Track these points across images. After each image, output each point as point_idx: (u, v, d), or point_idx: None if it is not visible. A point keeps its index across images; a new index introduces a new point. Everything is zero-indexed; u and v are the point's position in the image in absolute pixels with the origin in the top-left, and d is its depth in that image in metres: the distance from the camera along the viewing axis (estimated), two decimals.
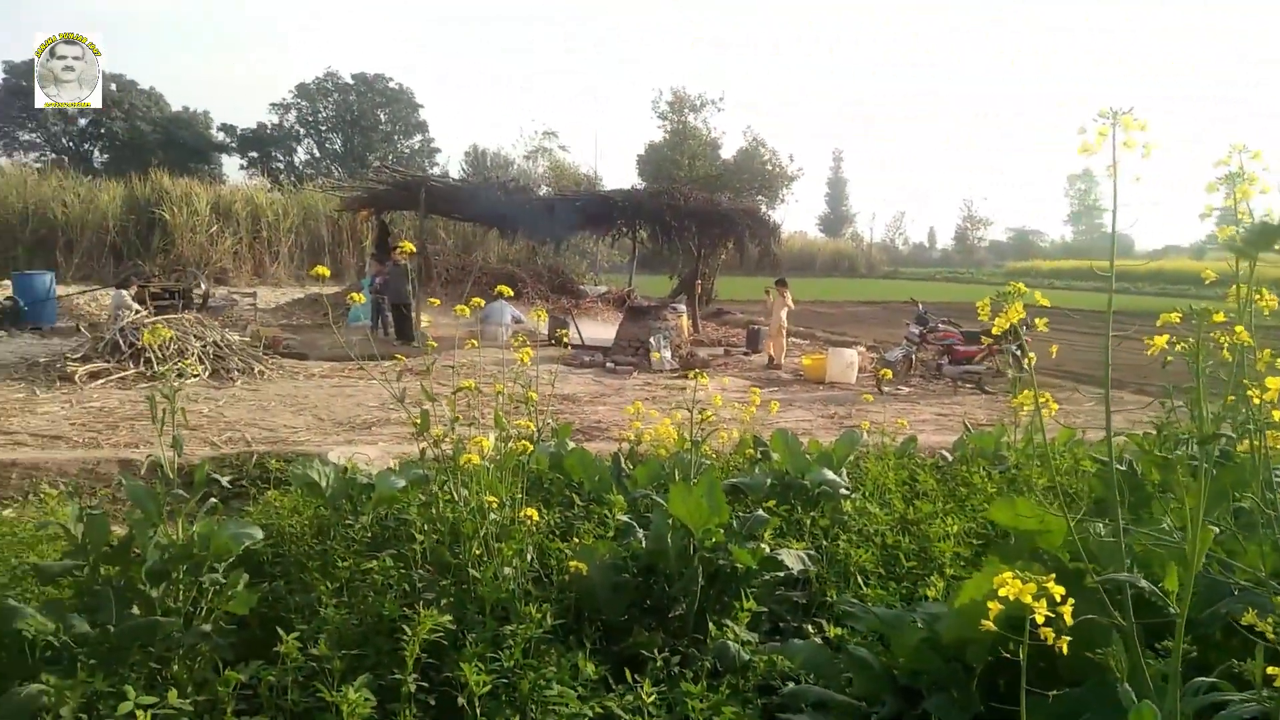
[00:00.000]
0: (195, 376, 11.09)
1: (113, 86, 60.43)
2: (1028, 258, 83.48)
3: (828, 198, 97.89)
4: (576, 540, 3.10)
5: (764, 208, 29.37)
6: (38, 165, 44.56)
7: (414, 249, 3.36)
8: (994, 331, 1.78)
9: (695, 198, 20.75)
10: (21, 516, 4.05)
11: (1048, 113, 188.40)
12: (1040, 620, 1.50)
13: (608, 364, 14.62)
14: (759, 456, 4.67)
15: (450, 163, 65.42)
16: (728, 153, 36.78)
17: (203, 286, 19.10)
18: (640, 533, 3.20)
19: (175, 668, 2.63)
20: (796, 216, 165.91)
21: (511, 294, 3.63)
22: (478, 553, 2.79)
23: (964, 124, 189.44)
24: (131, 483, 2.86)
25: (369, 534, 3.50)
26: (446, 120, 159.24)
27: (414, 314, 16.36)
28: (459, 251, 28.98)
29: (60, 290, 18.24)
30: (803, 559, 3.07)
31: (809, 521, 3.67)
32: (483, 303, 3.45)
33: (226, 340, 12.46)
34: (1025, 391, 1.85)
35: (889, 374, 5.60)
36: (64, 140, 60.14)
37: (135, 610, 2.70)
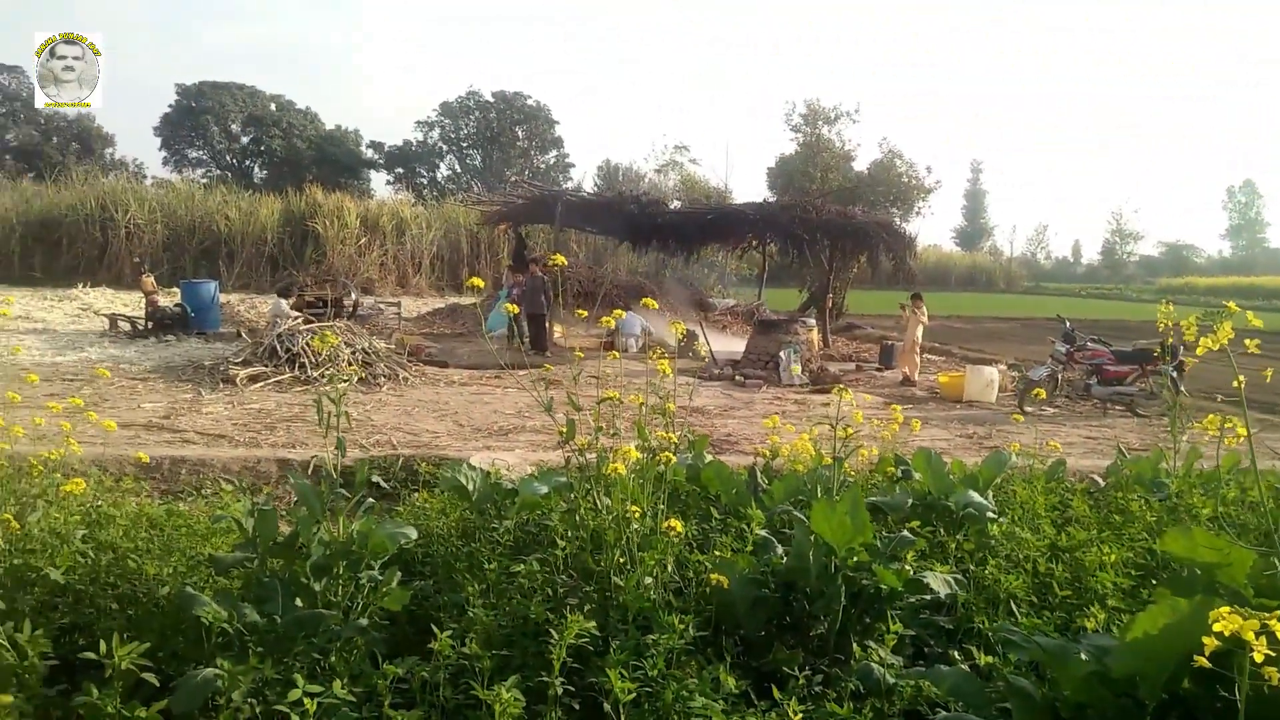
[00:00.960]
0: (351, 381, 11.65)
1: (272, 106, 64.63)
2: (1182, 274, 78.64)
3: (964, 210, 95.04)
4: (715, 553, 3.09)
5: (898, 220, 28.71)
6: (204, 181, 47.98)
7: (564, 261, 3.44)
8: (1199, 352, 1.69)
9: (828, 210, 20.46)
10: (193, 509, 4.34)
11: (1203, 121, 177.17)
12: (1260, 659, 1.41)
13: (737, 377, 14.57)
14: (899, 476, 4.55)
15: (585, 178, 66.77)
16: (861, 165, 36.15)
17: (353, 296, 20.05)
18: (779, 549, 3.17)
19: (333, 659, 2.76)
20: (930, 229, 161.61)
21: (656, 306, 3.66)
22: (621, 561, 2.83)
23: (1114, 132, 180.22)
24: (299, 481, 3.03)
25: (512, 538, 3.60)
26: (580, 135, 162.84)
27: (548, 324, 16.74)
28: (590, 264, 29.51)
29: (222, 298, 19.48)
30: (949, 583, 2.97)
31: (954, 545, 3.56)
32: (623, 314, 3.50)
33: (374, 347, 13.04)
34: (1211, 416, 1.74)
35: (1043, 393, 5.38)
36: (228, 157, 64.46)
37: (298, 602, 2.85)
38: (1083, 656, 1.91)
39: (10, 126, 59.56)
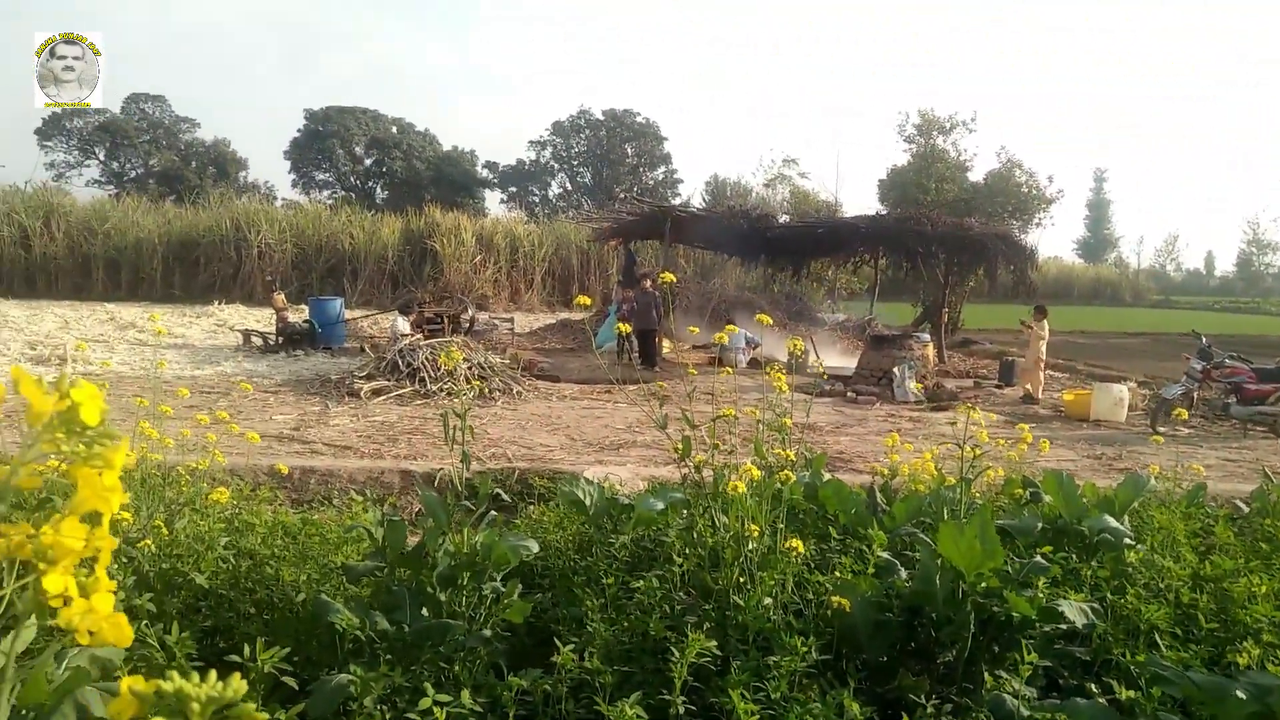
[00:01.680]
0: (473, 396, 11.97)
1: (394, 129, 67.28)
2: None
3: (1088, 220, 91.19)
4: (836, 574, 3.04)
5: (1017, 232, 27.76)
6: (330, 202, 50.21)
7: (673, 278, 3.45)
8: None
9: (944, 222, 19.95)
10: (322, 518, 4.52)
11: None
12: None
13: (849, 393, 14.32)
14: (1028, 498, 4.38)
15: (694, 195, 66.98)
16: (977, 175, 35.17)
17: (469, 312, 20.60)
18: (902, 571, 3.09)
19: (457, 668, 2.83)
20: (1051, 241, 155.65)
21: (770, 322, 3.63)
22: (739, 579, 2.81)
23: (1251, 139, 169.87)
24: (426, 494, 3.12)
25: (628, 553, 3.61)
26: (688, 151, 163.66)
27: (658, 340, 16.82)
28: (698, 279, 29.55)
29: (347, 314, 20.31)
30: (1085, 612, 2.84)
31: (1088, 572, 3.40)
32: (736, 329, 3.49)
33: (489, 362, 13.37)
34: None
35: (1184, 412, 5.07)
36: (352, 179, 67.35)
37: (425, 611, 2.93)
38: (1240, 695, 1.80)
39: (154, 152, 63.73)
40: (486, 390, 12.45)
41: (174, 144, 64.52)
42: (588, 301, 4.40)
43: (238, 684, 0.67)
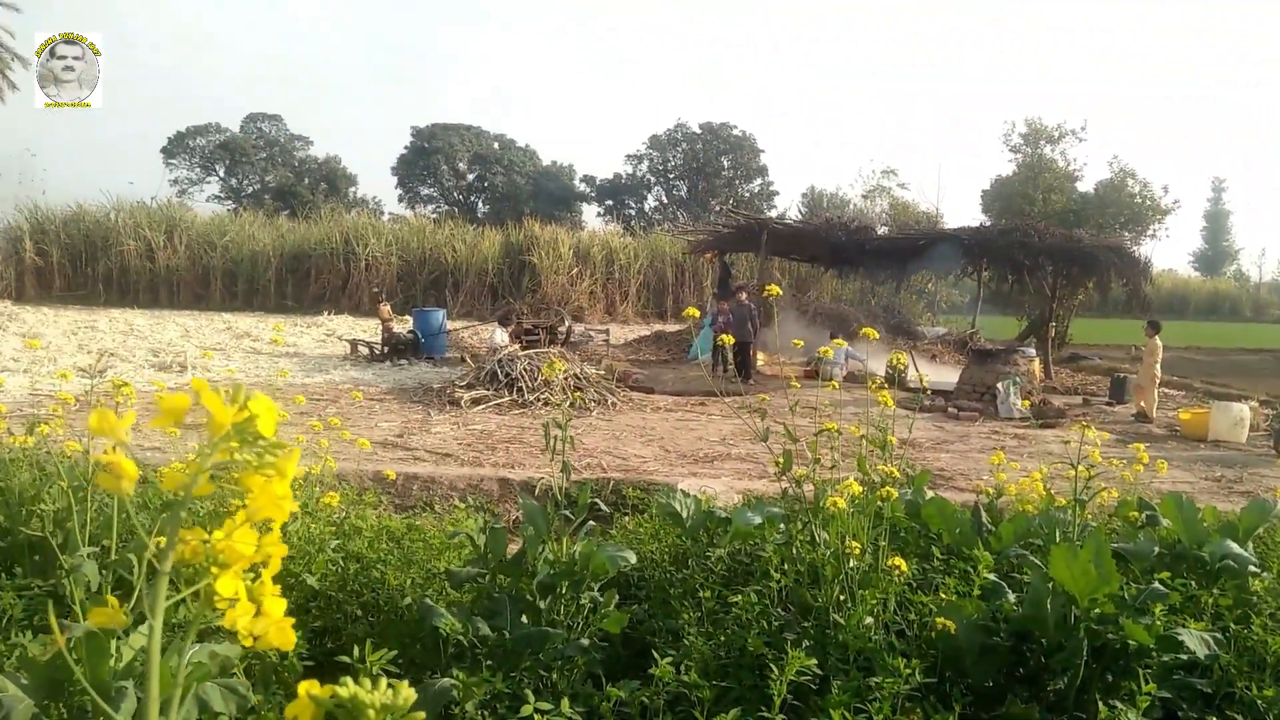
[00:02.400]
0: (575, 406, 12.13)
1: (495, 145, 68.88)
2: None
3: (1204, 232, 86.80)
4: (940, 595, 2.97)
5: (1129, 244, 26.66)
6: (433, 216, 51.64)
7: (778, 291, 3.44)
8: None
9: (1052, 233, 19.29)
10: (424, 524, 4.65)
11: None
12: None
13: (949, 409, 13.95)
14: (1143, 521, 4.19)
15: (791, 207, 66.49)
16: (1086, 185, 33.88)
17: (566, 323, 20.87)
18: (1010, 595, 2.99)
19: (555, 676, 2.87)
20: (1165, 253, 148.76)
21: (876, 336, 3.59)
22: (840, 598, 2.77)
23: None
24: (527, 502, 3.18)
25: (723, 567, 3.60)
26: (785, 163, 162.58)
27: (752, 352, 16.72)
28: (793, 291, 29.25)
29: (448, 324, 20.82)
30: (1207, 642, 2.70)
31: (1209, 600, 3.24)
32: (844, 343, 3.45)
33: (585, 373, 13.51)
34: None
35: None
36: (455, 194, 69.12)
37: (524, 619, 2.98)
38: None
39: (270, 169, 66.69)
40: (582, 401, 12.58)
41: (289, 161, 67.41)
42: (695, 313, 4.43)
43: (407, 693, 0.70)
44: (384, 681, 0.71)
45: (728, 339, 4.08)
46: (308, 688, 0.71)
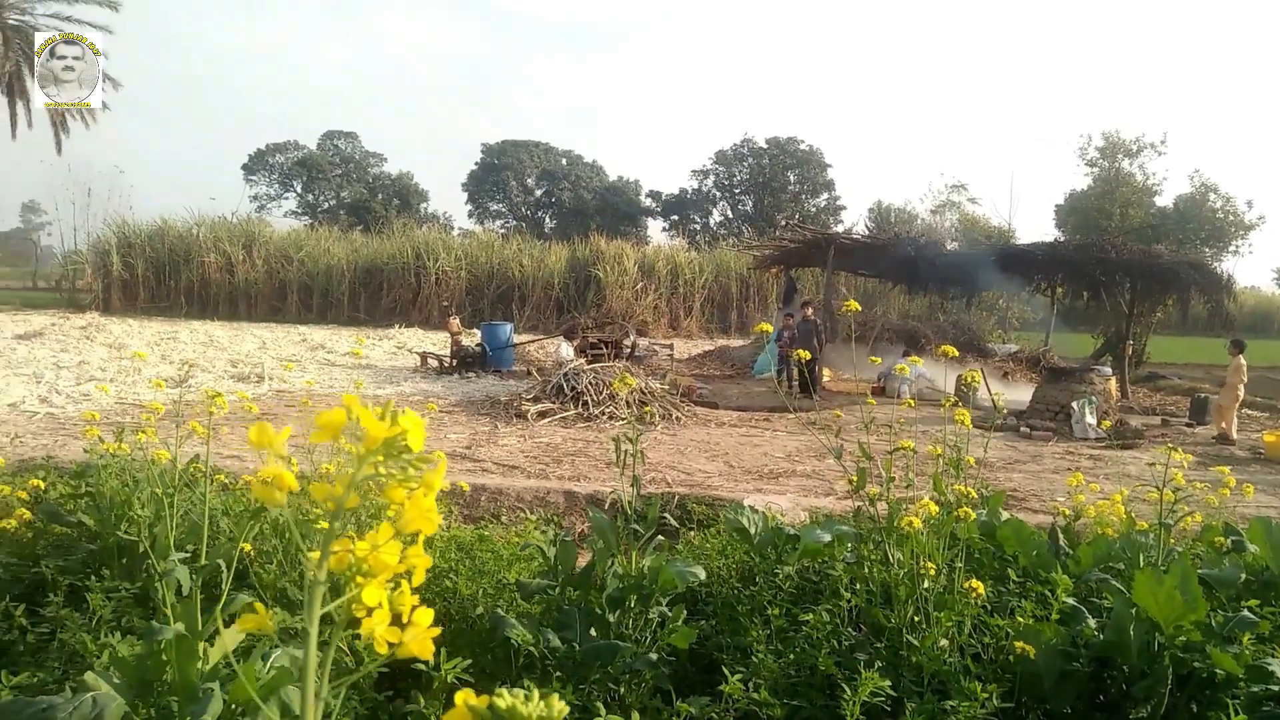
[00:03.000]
0: (644, 421, 12.16)
1: (563, 161, 69.72)
2: None
3: None
4: (1018, 619, 2.90)
5: (1210, 260, 25.76)
6: (502, 231, 52.34)
7: (857, 307, 3.41)
8: None
9: (1129, 249, 18.75)
10: (492, 535, 4.70)
11: None
12: None
13: (1022, 428, 13.63)
14: (1229, 547, 4.04)
15: (858, 222, 65.86)
16: (1165, 200, 32.92)
17: (631, 338, 20.94)
18: (1090, 620, 2.91)
19: (623, 690, 2.87)
20: (1248, 269, 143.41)
21: (956, 354, 3.53)
22: (914, 619, 2.72)
23: None
24: (597, 515, 3.20)
25: (792, 584, 3.57)
26: (852, 177, 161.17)
27: (818, 368, 16.56)
28: (860, 307, 28.87)
29: (515, 338, 21.05)
30: None
31: None
32: (921, 361, 3.40)
33: (649, 387, 13.53)
34: None
35: None
36: (523, 209, 70.04)
37: (593, 632, 3.00)
38: None
39: (345, 185, 68.44)
40: (647, 415, 12.60)
41: (363, 177, 69.15)
42: (769, 328, 4.42)
43: (560, 706, 0.72)
44: (537, 693, 0.73)
45: (804, 354, 4.05)
46: (465, 697, 0.73)
